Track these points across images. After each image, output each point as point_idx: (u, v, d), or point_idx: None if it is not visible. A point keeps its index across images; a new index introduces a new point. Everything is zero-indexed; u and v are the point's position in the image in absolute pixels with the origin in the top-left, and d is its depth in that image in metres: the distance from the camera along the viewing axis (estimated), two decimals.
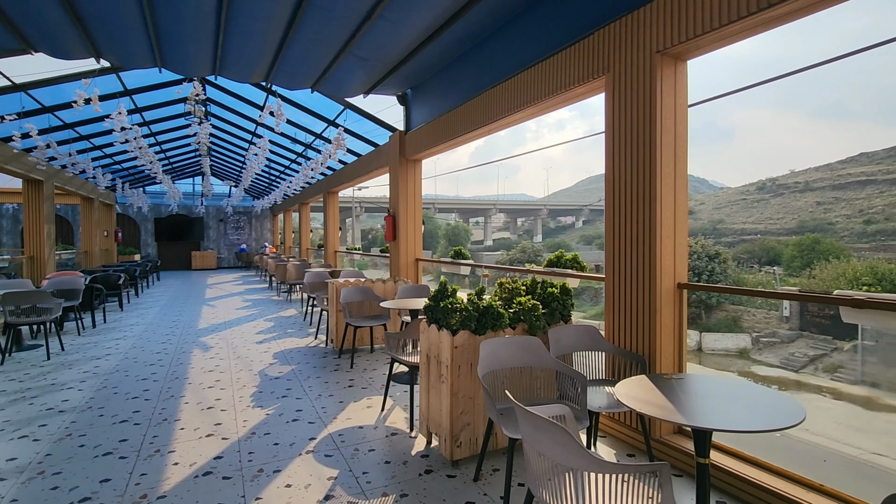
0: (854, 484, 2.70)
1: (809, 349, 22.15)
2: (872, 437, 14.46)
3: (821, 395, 18.47)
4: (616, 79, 3.49)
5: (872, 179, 61.42)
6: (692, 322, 27.20)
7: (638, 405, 2.02)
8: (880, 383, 18.45)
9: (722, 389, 2.29)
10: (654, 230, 3.18)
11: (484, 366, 2.82)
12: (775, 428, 1.80)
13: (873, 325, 2.50)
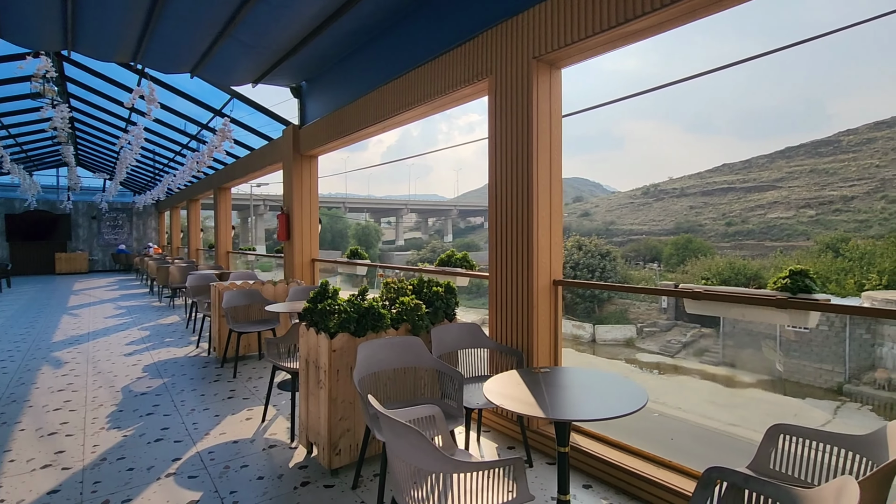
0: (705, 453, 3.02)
1: (682, 336, 25.02)
2: (729, 411, 16.68)
3: (691, 377, 20.90)
4: (498, 82, 3.57)
5: (732, 187, 70.80)
6: (588, 316, 29.37)
7: (501, 400, 2.05)
8: (736, 364, 21.37)
9: (582, 380, 2.42)
10: (531, 230, 3.31)
11: (362, 368, 2.72)
12: (621, 414, 1.92)
13: (711, 314, 2.79)
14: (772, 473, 2.04)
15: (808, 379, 19.10)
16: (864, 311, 2.30)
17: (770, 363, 20.24)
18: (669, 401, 17.66)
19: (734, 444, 3.33)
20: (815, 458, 1.98)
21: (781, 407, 17.08)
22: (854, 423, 15.75)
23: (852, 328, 17.86)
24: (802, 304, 2.38)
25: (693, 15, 2.66)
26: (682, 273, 32.92)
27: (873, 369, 17.70)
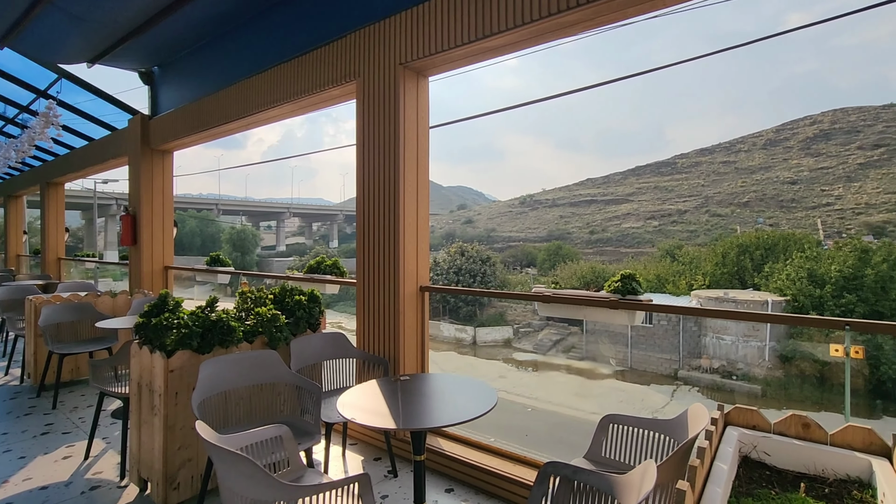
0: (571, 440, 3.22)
1: (553, 335, 27.30)
2: (591, 400, 18.55)
3: (560, 372, 22.83)
4: (365, 86, 3.50)
5: (595, 200, 79.31)
6: (470, 319, 30.56)
7: (354, 413, 1.97)
8: (596, 358, 23.91)
9: (440, 386, 2.44)
10: (398, 236, 3.28)
11: (204, 389, 2.44)
12: (470, 418, 1.96)
13: (559, 316, 3.00)
14: (603, 460, 2.24)
15: (652, 368, 22.07)
16: (674, 310, 2.67)
17: (623, 354, 23.01)
18: (542, 395, 19.07)
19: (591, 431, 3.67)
20: (639, 443, 2.22)
21: (631, 394, 19.48)
22: (685, 403, 18.54)
23: (684, 322, 21.11)
24: (629, 304, 2.67)
25: (542, 38, 2.87)
26: (553, 276, 35.94)
27: (700, 357, 21.09)
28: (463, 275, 33.02)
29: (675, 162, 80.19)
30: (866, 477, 1.58)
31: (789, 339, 19.56)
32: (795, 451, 1.70)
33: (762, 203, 59.72)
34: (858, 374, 17.02)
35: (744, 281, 26.54)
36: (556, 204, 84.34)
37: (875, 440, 1.64)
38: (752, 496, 1.54)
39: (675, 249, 40.31)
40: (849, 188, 55.56)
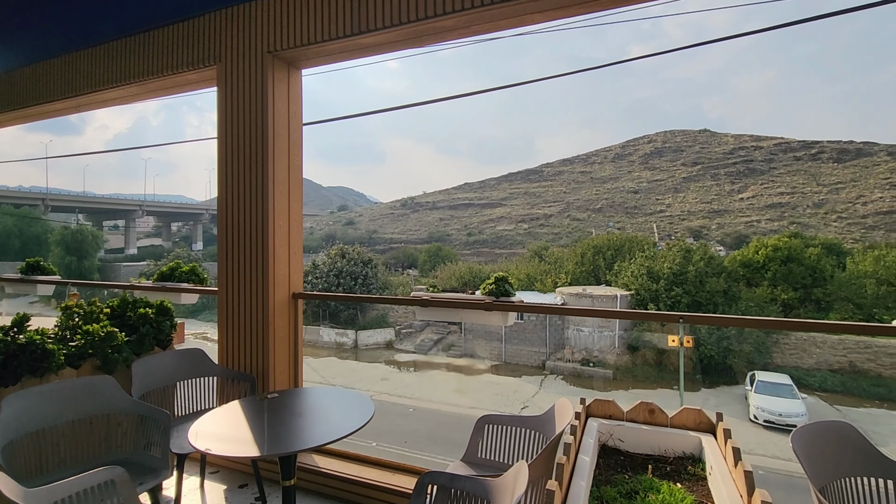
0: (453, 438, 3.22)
1: (434, 335, 27.92)
2: (470, 396, 19.35)
3: (441, 371, 23.41)
4: (228, 72, 3.16)
5: (472, 203, 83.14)
6: (352, 323, 29.85)
7: (207, 443, 1.72)
8: (474, 354, 25.05)
9: (313, 401, 2.27)
10: (267, 239, 3.01)
11: (8, 431, 1.95)
12: (345, 434, 1.84)
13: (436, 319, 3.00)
14: (481, 462, 2.28)
15: (524, 361, 23.78)
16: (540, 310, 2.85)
17: (498, 350, 24.43)
18: (423, 395, 19.35)
19: (470, 426, 3.75)
20: (513, 441, 2.31)
21: (505, 387, 20.76)
22: (552, 390, 20.32)
23: (551, 317, 23.14)
24: (502, 306, 2.78)
25: (420, 40, 2.85)
26: (433, 277, 36.79)
27: (564, 348, 23.29)
28: (344, 277, 32.15)
29: (543, 170, 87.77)
30: (698, 452, 1.81)
31: (633, 330, 22.59)
32: (644, 435, 1.89)
33: (612, 209, 68.09)
34: (687, 358, 20.27)
35: (598, 278, 29.96)
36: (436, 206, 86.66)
37: (703, 419, 1.89)
38: (610, 483, 1.67)
39: (543, 250, 44.03)
40: (675, 198, 66.00)
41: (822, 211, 52.95)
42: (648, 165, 77.00)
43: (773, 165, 65.82)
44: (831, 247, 30.43)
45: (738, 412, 16.77)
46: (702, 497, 1.57)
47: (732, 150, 72.22)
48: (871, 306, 22.95)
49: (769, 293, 24.44)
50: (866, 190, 53.65)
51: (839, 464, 1.73)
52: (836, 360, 19.69)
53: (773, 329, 21.64)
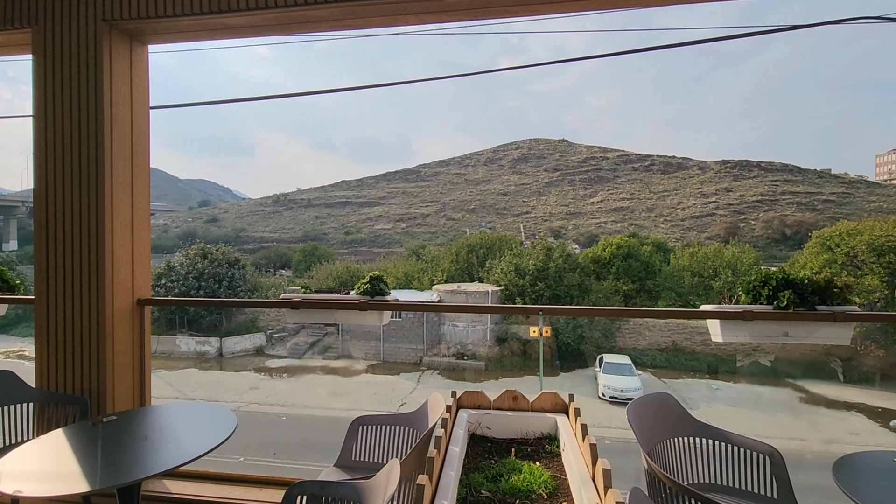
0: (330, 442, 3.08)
1: (309, 337, 26.73)
2: (347, 397, 18.94)
3: (316, 374, 22.53)
4: (48, 38, 2.65)
5: (350, 202, 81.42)
6: (214, 329, 27.16)
7: (19, 484, 1.43)
8: (352, 354, 24.59)
9: (162, 421, 2.02)
10: (103, 239, 2.59)
11: None
12: (201, 454, 1.67)
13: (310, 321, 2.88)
14: (355, 464, 2.24)
15: (402, 358, 23.99)
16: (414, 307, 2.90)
17: (376, 349, 24.31)
18: (297, 401, 18.42)
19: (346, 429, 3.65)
20: (388, 439, 2.31)
21: (384, 385, 20.73)
22: (429, 385, 20.83)
23: (427, 313, 23.72)
24: (377, 305, 2.77)
25: (290, 28, 2.70)
26: (308, 278, 35.21)
27: (440, 343, 24.04)
28: (206, 280, 29.12)
29: (420, 170, 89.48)
30: (554, 431, 2.00)
31: (503, 323, 24.23)
32: (508, 421, 2.03)
33: (484, 210, 72.11)
34: (547, 346, 22.33)
35: (472, 275, 31.50)
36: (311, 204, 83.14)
37: (559, 401, 2.09)
38: (478, 470, 1.76)
39: (420, 249, 44.93)
40: (539, 200, 72.29)
41: (653, 214, 62.42)
42: (516, 170, 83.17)
43: (617, 174, 75.74)
44: (660, 245, 35.99)
45: (590, 391, 18.93)
46: (557, 472, 1.74)
47: (585, 160, 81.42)
48: (687, 294, 27.68)
49: (613, 285, 28.07)
50: (684, 197, 64.57)
51: (662, 428, 2.05)
52: (662, 340, 23.39)
53: (615, 317, 24.94)
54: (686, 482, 2.07)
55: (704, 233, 53.96)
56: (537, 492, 1.58)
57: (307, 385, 20.95)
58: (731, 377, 21.02)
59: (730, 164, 70.42)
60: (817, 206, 56.57)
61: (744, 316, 2.40)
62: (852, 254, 21.46)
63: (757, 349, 20.94)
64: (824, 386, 19.25)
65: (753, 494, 1.97)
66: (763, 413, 16.98)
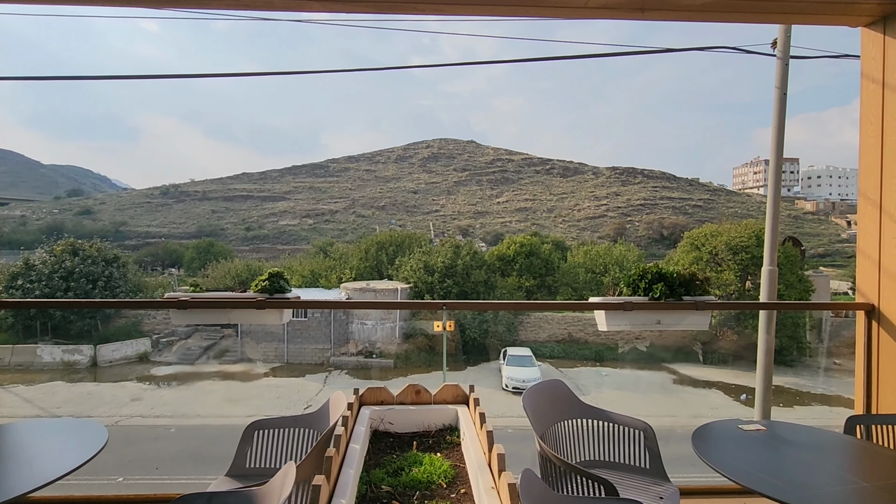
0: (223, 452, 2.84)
1: (203, 341, 24.65)
2: (246, 403, 17.81)
3: (212, 381, 20.89)
4: None
5: (251, 195, 76.48)
6: (86, 336, 23.97)
7: None
8: (252, 357, 23.15)
9: (10, 442, 1.74)
10: None
11: None
12: (60, 475, 1.47)
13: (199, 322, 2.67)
14: (249, 472, 2.11)
15: (307, 359, 23.09)
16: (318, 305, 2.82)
17: (279, 350, 23.13)
18: (189, 411, 16.93)
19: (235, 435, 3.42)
20: (287, 443, 2.21)
21: (287, 388, 19.82)
22: (336, 386, 20.28)
23: (335, 312, 23.07)
24: (275, 303, 2.64)
25: (174, 1, 2.47)
26: (203, 276, 32.47)
27: (348, 342, 23.51)
28: (77, 280, 25.56)
29: (329, 165, 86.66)
30: (455, 422, 2.05)
31: (412, 319, 24.37)
32: (411, 415, 2.05)
33: (395, 207, 71.88)
34: (452, 340, 22.86)
35: (381, 273, 31.24)
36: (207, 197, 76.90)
37: (460, 392, 2.15)
38: (380, 465, 1.75)
39: (328, 246, 43.55)
40: (448, 199, 73.74)
41: (553, 215, 66.69)
42: (426, 168, 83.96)
43: (521, 176, 79.70)
44: (558, 243, 38.56)
45: (494, 383, 19.73)
46: (457, 461, 1.79)
47: (492, 161, 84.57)
48: (581, 289, 29.97)
49: (517, 282, 29.52)
50: (580, 200, 69.82)
51: (554, 413, 2.20)
52: (560, 332, 25.11)
53: (512, 310, 26.18)
54: (574, 460, 2.24)
55: (597, 232, 58.85)
56: (437, 482, 1.62)
57: (200, 393, 19.33)
58: (618, 364, 23.17)
59: (619, 171, 77.50)
60: (688, 210, 64.38)
61: (624, 306, 2.66)
62: (714, 252, 24.73)
63: (637, 337, 23.34)
64: (691, 368, 21.99)
65: (631, 466, 2.19)
66: (642, 394, 18.96)
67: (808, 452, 1.85)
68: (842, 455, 1.83)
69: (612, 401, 17.28)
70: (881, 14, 2.64)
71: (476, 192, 75.76)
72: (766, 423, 2.06)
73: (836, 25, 2.87)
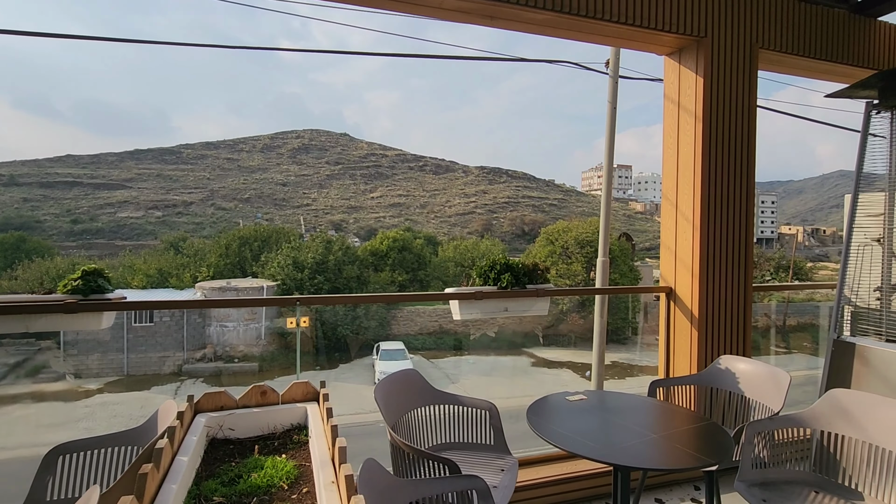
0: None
1: (9, 357, 20.25)
2: (66, 428, 15.13)
3: (22, 405, 17.34)
4: None
5: (79, 182, 64.86)
6: None
7: None
8: (82, 373, 19.70)
9: None
10: None
11: None
12: None
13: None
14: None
15: (154, 369, 20.38)
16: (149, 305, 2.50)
17: (118, 362, 20.03)
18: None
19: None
20: (102, 466, 1.92)
21: (127, 405, 17.27)
22: (192, 390, 18.21)
23: (189, 315, 20.68)
24: (94, 305, 2.28)
25: None
26: (10, 280, 26.64)
27: (205, 347, 21.30)
28: None
29: (182, 151, 77.22)
30: (304, 421, 1.98)
31: (279, 318, 23.00)
32: (255, 418, 1.92)
33: (261, 200, 66.96)
34: (311, 337, 21.99)
35: (245, 270, 28.89)
36: (16, 182, 63.47)
37: (310, 389, 2.08)
38: (214, 476, 1.61)
39: (180, 242, 38.91)
40: (320, 193, 71.02)
41: (426, 211, 68.34)
42: (296, 160, 79.62)
43: (395, 172, 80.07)
44: (430, 239, 39.68)
45: (368, 379, 19.63)
46: (303, 460, 1.73)
47: (366, 155, 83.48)
48: (451, 283, 31.32)
49: (390, 276, 29.67)
50: (451, 197, 72.61)
51: (407, 402, 2.25)
52: (431, 325, 25.92)
53: (369, 303, 26.27)
54: (427, 445, 2.32)
55: (466, 228, 61.84)
56: (278, 484, 1.54)
57: (3, 422, 15.88)
58: (485, 351, 24.71)
59: (486, 170, 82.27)
60: (545, 208, 71.02)
61: (476, 296, 2.83)
62: (565, 246, 27.70)
63: (490, 323, 25.05)
64: (546, 350, 24.41)
65: (479, 444, 2.34)
66: (506, 378, 20.52)
67: (616, 415, 2.17)
68: (642, 414, 2.17)
69: (479, 386, 18.40)
70: (678, 46, 3.18)
71: (349, 187, 74.16)
72: (588, 393, 2.37)
73: (648, 52, 3.38)
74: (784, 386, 2.33)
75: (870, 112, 2.81)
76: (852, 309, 2.96)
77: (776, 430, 2.13)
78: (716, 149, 3.02)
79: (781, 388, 2.33)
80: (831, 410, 2.12)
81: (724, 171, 3.05)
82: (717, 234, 3.04)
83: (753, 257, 3.25)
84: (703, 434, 1.94)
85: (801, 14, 3.21)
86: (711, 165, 3.01)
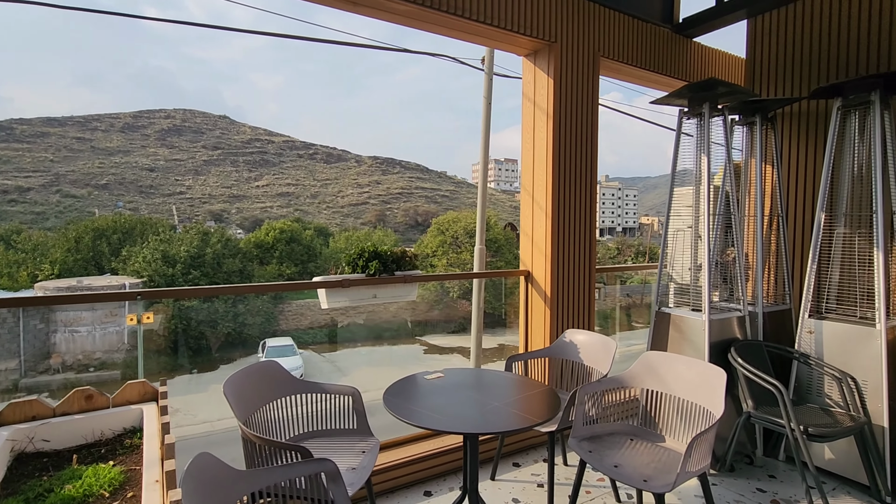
0: None
1: None
2: None
3: None
4: None
5: None
6: None
7: None
8: None
9: None
10: None
11: None
12: None
13: None
14: None
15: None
16: None
17: None
18: None
19: None
20: None
21: None
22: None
23: (27, 320, 17.53)
24: None
25: None
26: None
27: (50, 357, 18.29)
28: None
29: (14, 128, 64.77)
30: (140, 423, 1.83)
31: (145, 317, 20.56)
32: (77, 425, 1.73)
33: (122, 187, 58.91)
34: (163, 336, 19.96)
35: (101, 266, 25.26)
36: None
37: (148, 389, 1.92)
38: (17, 493, 1.43)
39: (13, 234, 32.81)
40: (196, 180, 64.51)
41: (317, 201, 65.69)
42: (166, 143, 71.25)
43: (283, 159, 75.55)
44: (321, 230, 38.30)
45: None
46: (134, 464, 1.60)
47: (250, 141, 77.50)
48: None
49: (277, 269, 28.11)
50: (343, 187, 70.65)
51: (262, 395, 2.18)
52: (321, 318, 25.13)
53: (221, 294, 24.97)
54: (288, 436, 2.28)
55: (360, 219, 60.74)
56: (98, 493, 1.41)
57: None
58: (377, 342, 24.65)
59: (380, 160, 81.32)
60: (438, 199, 72.40)
61: (343, 284, 2.82)
62: (455, 236, 28.59)
63: (361, 311, 24.87)
64: (439, 337, 25.10)
65: (342, 430, 2.36)
66: (398, 367, 20.69)
67: (471, 390, 2.33)
68: (493, 388, 2.36)
69: (369, 376, 18.32)
70: (533, 49, 3.45)
71: (231, 174, 68.39)
72: (447, 371, 2.50)
73: (510, 52, 3.61)
74: (611, 352, 2.68)
75: (681, 118, 3.32)
76: (673, 285, 3.51)
77: (605, 391, 2.45)
78: (565, 144, 3.35)
79: (609, 353, 2.68)
80: (645, 370, 2.50)
81: (572, 163, 3.39)
82: (567, 220, 3.38)
83: (597, 240, 3.67)
84: (539, 399, 2.17)
85: (634, 29, 3.67)
86: (561, 159, 3.33)
